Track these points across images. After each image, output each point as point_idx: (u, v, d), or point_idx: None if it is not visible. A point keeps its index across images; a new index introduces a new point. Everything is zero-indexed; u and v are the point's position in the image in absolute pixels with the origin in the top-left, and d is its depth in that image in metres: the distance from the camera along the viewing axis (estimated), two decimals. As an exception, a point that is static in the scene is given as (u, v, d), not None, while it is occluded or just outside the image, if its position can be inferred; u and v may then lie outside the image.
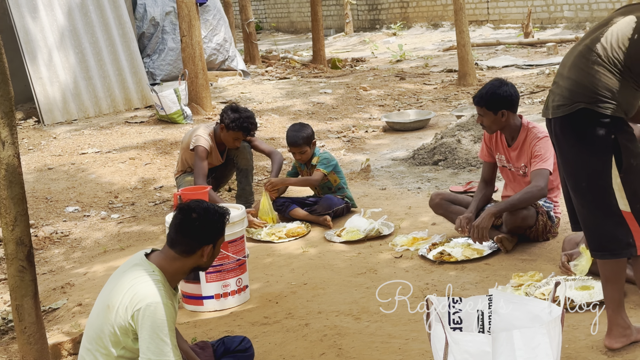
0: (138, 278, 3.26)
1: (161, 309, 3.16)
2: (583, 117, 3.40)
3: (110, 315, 3.23)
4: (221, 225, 3.46)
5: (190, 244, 3.38)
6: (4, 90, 3.73)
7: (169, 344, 3.15)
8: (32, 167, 8.89)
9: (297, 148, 6.50)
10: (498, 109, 5.21)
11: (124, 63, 11.95)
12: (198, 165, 6.41)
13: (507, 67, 14.74)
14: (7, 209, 3.77)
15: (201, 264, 3.45)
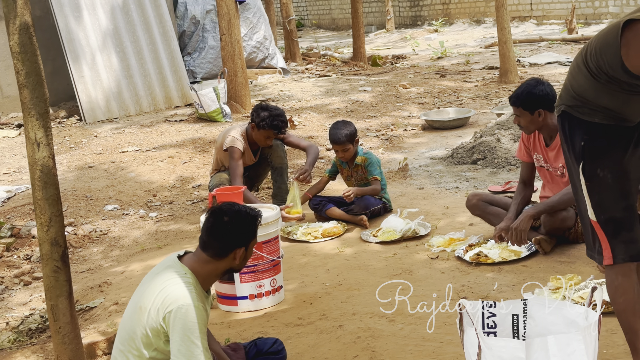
0: (170, 280, 3.28)
1: (192, 311, 3.17)
2: (563, 119, 3.37)
3: (142, 317, 3.25)
4: (253, 228, 3.46)
5: (222, 247, 3.38)
6: (39, 92, 3.74)
7: (199, 347, 3.16)
8: (73, 166, 8.98)
9: (341, 146, 6.46)
10: (534, 108, 5.13)
11: (164, 61, 12.03)
12: (233, 166, 6.42)
13: (550, 63, 14.55)
14: (42, 209, 3.79)
15: (234, 266, 3.46)
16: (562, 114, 3.38)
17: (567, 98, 3.36)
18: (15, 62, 3.71)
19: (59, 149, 9.67)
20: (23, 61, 3.70)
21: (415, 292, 4.85)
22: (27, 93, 3.73)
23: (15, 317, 5.39)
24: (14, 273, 6.24)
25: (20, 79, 3.73)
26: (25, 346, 4.77)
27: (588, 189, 3.31)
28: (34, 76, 3.73)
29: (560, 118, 3.40)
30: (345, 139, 6.41)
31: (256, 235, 3.49)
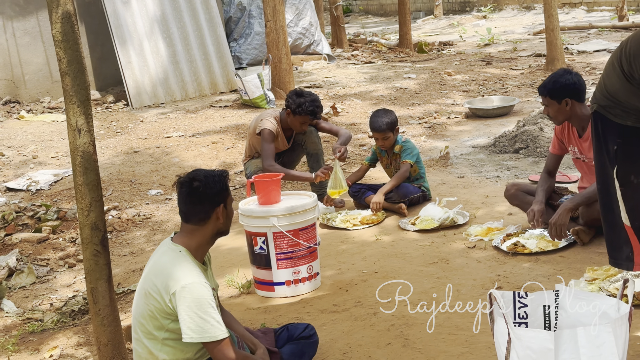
0: (169, 262, 3.39)
1: (196, 288, 3.27)
2: (595, 118, 3.30)
3: (149, 301, 3.36)
4: (224, 184, 3.54)
5: (203, 209, 3.48)
6: (80, 80, 3.82)
7: (209, 321, 3.26)
8: (119, 150, 9.13)
9: (381, 134, 6.47)
10: (561, 97, 5.13)
11: (210, 47, 12.13)
12: (265, 147, 6.46)
13: (598, 51, 14.35)
14: (83, 195, 3.89)
15: (220, 227, 3.54)
16: (594, 113, 3.32)
17: (600, 97, 3.29)
18: (57, 50, 3.80)
19: (106, 134, 9.84)
20: (65, 49, 3.78)
21: (451, 280, 4.88)
22: (69, 80, 3.82)
23: (59, 298, 5.52)
24: (59, 255, 6.38)
25: (62, 66, 3.81)
26: (67, 327, 4.89)
27: (622, 194, 3.24)
28: (76, 64, 3.81)
29: (593, 117, 3.34)
30: (386, 127, 6.42)
31: (229, 190, 3.57)
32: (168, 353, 3.37)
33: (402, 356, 3.94)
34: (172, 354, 3.37)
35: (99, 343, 4.04)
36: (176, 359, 3.39)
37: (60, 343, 4.62)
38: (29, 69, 11.93)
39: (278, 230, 4.81)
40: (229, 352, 3.30)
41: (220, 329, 3.28)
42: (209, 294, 3.30)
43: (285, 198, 5.06)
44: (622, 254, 3.30)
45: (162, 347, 3.37)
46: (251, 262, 5.03)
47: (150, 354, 3.39)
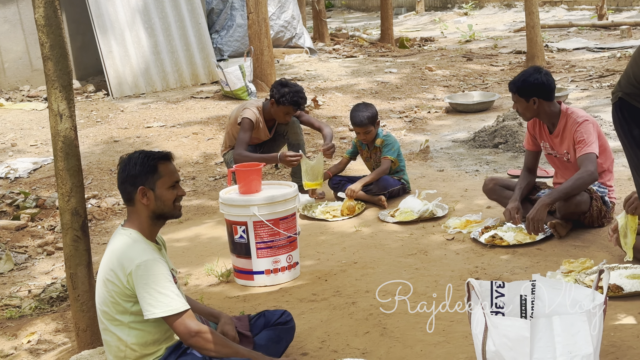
0: (121, 245, 3.42)
1: (150, 265, 3.30)
2: (620, 106, 3.31)
3: (108, 288, 3.37)
4: (147, 165, 3.45)
5: (125, 190, 3.51)
6: (62, 65, 3.83)
7: (168, 295, 3.29)
8: (99, 139, 9.11)
9: (362, 128, 6.49)
10: (529, 96, 5.21)
11: (192, 39, 12.11)
12: (240, 136, 6.45)
13: (578, 49, 14.46)
14: (64, 180, 3.89)
15: (153, 209, 3.47)
16: (619, 101, 3.32)
17: (626, 85, 3.30)
18: (40, 35, 3.80)
19: (86, 123, 9.81)
20: (47, 34, 3.79)
21: (429, 272, 4.92)
22: (51, 65, 3.82)
23: (38, 285, 5.51)
24: (37, 243, 6.36)
25: (45, 51, 3.81)
26: (45, 314, 4.88)
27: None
28: (58, 49, 3.81)
29: (618, 106, 3.34)
30: (367, 121, 6.44)
31: (157, 172, 3.46)
32: (136, 336, 3.39)
33: (380, 344, 3.97)
34: (141, 337, 3.39)
35: (77, 328, 4.06)
36: (145, 341, 3.41)
37: (38, 329, 4.61)
38: (8, 57, 11.86)
39: (258, 220, 4.83)
40: (191, 323, 3.32)
41: (180, 302, 3.31)
42: (164, 269, 3.33)
43: (266, 188, 5.08)
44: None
45: (129, 331, 3.38)
46: (231, 250, 5.05)
47: (120, 340, 3.40)
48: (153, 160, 3.47)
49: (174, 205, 3.53)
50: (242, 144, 6.46)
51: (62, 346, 4.37)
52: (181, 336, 3.34)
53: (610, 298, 4.19)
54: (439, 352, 3.83)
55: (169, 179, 3.50)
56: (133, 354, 3.41)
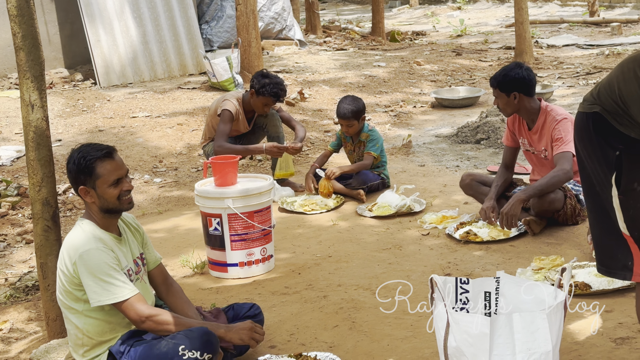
0: (72, 235, 3.46)
1: (94, 253, 3.33)
2: (595, 120, 3.06)
3: (61, 277, 3.42)
4: (82, 167, 3.42)
5: (73, 187, 3.53)
6: (34, 55, 3.84)
7: (114, 283, 3.32)
8: (84, 129, 9.10)
9: (345, 121, 6.52)
10: (510, 91, 5.23)
11: (180, 29, 12.10)
12: (220, 127, 6.47)
13: (568, 46, 14.49)
14: (35, 170, 3.91)
15: (100, 205, 3.46)
16: (594, 114, 3.06)
17: (608, 101, 3.02)
18: (12, 25, 3.81)
19: (72, 112, 9.80)
20: (20, 24, 3.80)
21: (402, 266, 4.95)
22: (23, 55, 3.84)
23: (14, 274, 5.53)
24: (17, 231, 6.38)
25: (17, 41, 3.83)
26: (19, 302, 4.91)
27: (621, 202, 3.01)
28: (30, 39, 3.83)
29: (592, 117, 3.08)
30: (351, 115, 6.46)
31: (94, 173, 3.42)
32: (92, 324, 3.42)
33: (347, 338, 4.00)
34: (97, 325, 3.42)
35: (47, 318, 4.08)
36: (101, 329, 3.44)
37: (11, 317, 4.63)
38: (-6, 45, 11.83)
39: (233, 212, 4.85)
40: (140, 308, 3.35)
41: (127, 288, 3.33)
42: (108, 258, 3.34)
43: (241, 180, 5.09)
44: (618, 263, 3.09)
45: (85, 320, 3.41)
46: (206, 242, 5.07)
47: (77, 328, 3.44)
48: (90, 161, 3.42)
49: (119, 200, 3.48)
50: (223, 135, 6.48)
51: (33, 335, 4.39)
52: (132, 321, 3.38)
53: (578, 296, 4.24)
54: (405, 346, 3.87)
55: (109, 177, 3.45)
56: (90, 342, 3.44)
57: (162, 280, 3.81)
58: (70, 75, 11.97)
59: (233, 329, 3.50)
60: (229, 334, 3.49)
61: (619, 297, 4.16)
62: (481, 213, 5.37)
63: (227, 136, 6.49)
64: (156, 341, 3.36)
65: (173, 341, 3.31)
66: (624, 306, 4.05)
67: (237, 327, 3.52)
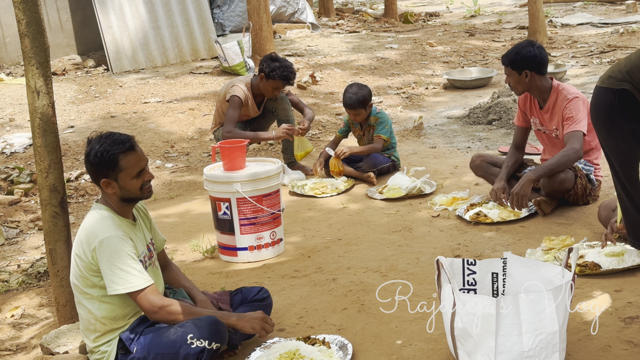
0: (90, 220, 3.45)
1: (113, 241, 3.32)
2: (623, 97, 3.11)
3: (78, 262, 3.41)
4: (106, 161, 3.41)
5: (91, 177, 3.52)
6: (39, 41, 3.84)
7: (130, 271, 3.32)
8: (96, 115, 9.13)
9: (353, 110, 6.51)
10: (522, 69, 5.18)
11: (192, 14, 12.08)
12: (229, 113, 6.48)
13: (582, 24, 14.37)
14: (42, 156, 3.92)
15: (120, 195, 3.47)
16: (622, 90, 3.14)
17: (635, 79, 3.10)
18: (16, 12, 3.81)
19: (84, 98, 9.83)
20: (24, 11, 3.80)
21: (411, 248, 4.94)
22: (28, 42, 3.83)
23: (27, 260, 5.56)
24: (29, 218, 6.41)
25: (21, 28, 3.82)
26: (31, 288, 4.94)
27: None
28: (35, 25, 3.82)
29: (619, 94, 3.16)
30: (357, 104, 6.44)
31: (118, 166, 3.42)
32: (106, 310, 3.43)
33: (356, 321, 4.00)
34: (110, 310, 3.43)
35: (57, 303, 4.10)
36: (114, 315, 3.45)
37: (22, 303, 4.67)
38: (9, 31, 11.85)
39: (241, 196, 4.85)
40: (154, 298, 3.36)
41: (142, 278, 3.34)
42: (127, 246, 3.35)
43: (250, 164, 5.09)
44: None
45: (99, 305, 3.42)
46: (215, 227, 5.08)
47: (90, 313, 3.45)
48: (113, 155, 3.41)
49: (141, 190, 3.51)
50: (232, 121, 6.48)
51: (44, 320, 4.42)
52: (145, 311, 3.39)
53: (588, 276, 4.22)
54: (414, 328, 3.85)
55: (132, 170, 3.46)
56: (102, 327, 3.45)
57: (162, 260, 3.86)
58: (83, 62, 12.00)
59: (245, 318, 3.51)
60: (241, 323, 3.50)
61: (628, 277, 4.14)
62: (491, 194, 5.35)
63: (236, 122, 6.49)
64: (165, 329, 3.38)
65: (182, 329, 3.33)
66: (634, 285, 4.03)
67: (249, 316, 3.52)
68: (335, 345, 3.69)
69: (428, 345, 3.62)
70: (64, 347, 3.82)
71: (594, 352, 3.41)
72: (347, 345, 3.66)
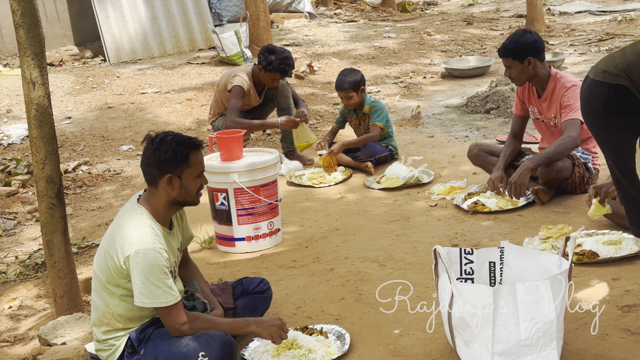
0: (129, 223, 3.36)
1: (150, 254, 3.25)
2: (618, 91, 3.11)
3: (108, 260, 3.34)
4: (178, 154, 3.37)
5: (150, 173, 3.41)
6: (34, 32, 3.83)
7: (160, 287, 3.26)
8: (93, 106, 9.11)
9: (344, 92, 6.49)
10: (524, 56, 5.16)
11: (189, 3, 12.05)
12: (232, 103, 6.47)
13: (580, 12, 14.33)
14: (38, 148, 3.91)
15: (174, 196, 3.43)
16: (619, 86, 3.13)
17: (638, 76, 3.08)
18: (11, 3, 3.80)
19: (81, 89, 9.81)
20: (18, 1, 3.79)
21: (409, 238, 4.94)
22: (23, 33, 3.82)
23: (24, 251, 5.56)
24: (27, 209, 6.41)
25: (16, 19, 3.81)
26: (29, 279, 4.94)
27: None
28: (30, 16, 3.81)
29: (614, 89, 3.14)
30: (349, 86, 6.43)
31: (187, 161, 3.40)
32: (124, 309, 3.38)
33: (354, 310, 4.00)
34: (129, 310, 3.38)
35: (55, 295, 4.10)
36: (132, 315, 3.40)
37: (20, 295, 4.67)
38: (6, 22, 11.80)
39: (239, 187, 4.84)
40: (179, 317, 3.32)
41: (171, 295, 3.29)
42: (162, 260, 3.28)
43: (247, 155, 5.08)
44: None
45: (119, 303, 3.37)
46: (213, 217, 5.08)
47: (107, 307, 3.39)
48: (186, 149, 3.39)
49: (196, 194, 3.50)
50: (235, 111, 6.47)
51: (42, 312, 4.43)
52: (167, 328, 3.34)
53: (585, 264, 4.22)
54: (411, 317, 3.85)
55: (197, 169, 3.46)
56: (116, 324, 3.41)
57: (183, 256, 3.78)
58: (80, 53, 11.98)
59: (263, 325, 3.48)
60: (260, 329, 3.47)
61: (626, 265, 4.14)
62: (489, 183, 5.34)
63: (239, 111, 6.50)
64: (176, 338, 3.36)
65: (194, 344, 3.30)
66: (632, 274, 4.03)
67: (268, 322, 3.48)
68: (332, 335, 3.69)
69: (425, 335, 3.62)
70: (61, 338, 3.82)
71: (591, 341, 3.41)
72: (345, 335, 3.66)
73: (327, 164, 6.34)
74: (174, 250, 3.50)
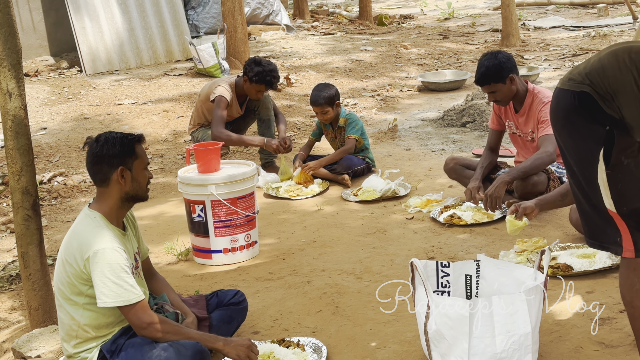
0: (84, 228, 3.39)
1: (108, 253, 3.27)
2: (582, 98, 3.06)
3: (66, 268, 3.35)
4: (125, 145, 3.43)
5: (101, 170, 3.44)
6: (11, 43, 3.81)
7: (122, 285, 3.27)
8: (69, 117, 9.07)
9: (319, 107, 6.52)
10: (506, 76, 5.21)
11: (166, 15, 12.04)
12: (217, 113, 6.46)
13: (554, 28, 14.49)
14: (14, 159, 3.89)
15: (127, 191, 3.46)
16: (582, 93, 3.06)
17: (599, 85, 3.02)
18: (-13, 14, 3.77)
19: (57, 100, 9.76)
20: (-5, 13, 3.77)
21: (386, 251, 4.96)
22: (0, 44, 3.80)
23: (-1, 263, 5.52)
24: (1, 220, 6.35)
25: (-7, 30, 3.79)
26: (3, 292, 4.89)
27: (609, 178, 3.00)
28: (6, 27, 3.80)
29: (578, 95, 3.08)
30: (324, 101, 6.46)
31: (134, 153, 3.46)
32: (89, 318, 3.37)
33: (331, 323, 4.01)
34: (94, 319, 3.38)
35: (29, 307, 4.07)
36: (98, 324, 3.39)
37: (-6, 307, 4.63)
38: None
39: (216, 199, 4.84)
40: (144, 315, 3.32)
41: (134, 293, 3.29)
42: (121, 259, 3.30)
43: (224, 167, 5.08)
44: (609, 238, 3.08)
45: (83, 312, 3.36)
46: (190, 229, 5.06)
47: (72, 319, 3.39)
48: (131, 141, 3.45)
49: (146, 186, 3.54)
50: (221, 122, 6.47)
51: (16, 324, 4.39)
52: (133, 326, 3.34)
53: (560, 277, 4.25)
54: (388, 330, 3.87)
55: (144, 160, 3.51)
56: (85, 335, 3.40)
57: (147, 269, 3.80)
58: (56, 63, 11.92)
59: (231, 344, 3.46)
60: (227, 348, 3.45)
61: (600, 278, 4.18)
62: (466, 193, 5.36)
63: (224, 122, 6.49)
64: (148, 347, 3.32)
65: (165, 354, 3.27)
66: (605, 287, 4.07)
67: (236, 342, 3.47)
68: (309, 348, 3.69)
69: (402, 347, 3.63)
70: (36, 350, 3.80)
71: (566, 353, 3.44)
72: (322, 347, 3.67)
73: (302, 180, 6.35)
74: (130, 253, 3.50)
